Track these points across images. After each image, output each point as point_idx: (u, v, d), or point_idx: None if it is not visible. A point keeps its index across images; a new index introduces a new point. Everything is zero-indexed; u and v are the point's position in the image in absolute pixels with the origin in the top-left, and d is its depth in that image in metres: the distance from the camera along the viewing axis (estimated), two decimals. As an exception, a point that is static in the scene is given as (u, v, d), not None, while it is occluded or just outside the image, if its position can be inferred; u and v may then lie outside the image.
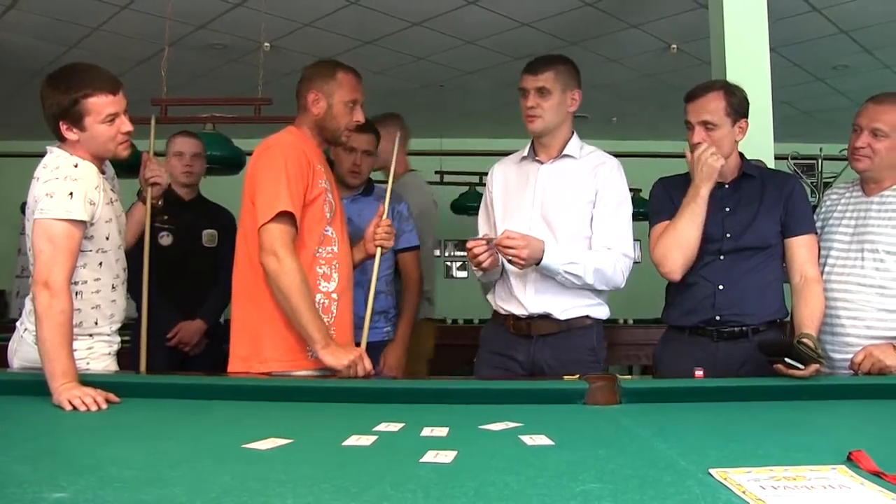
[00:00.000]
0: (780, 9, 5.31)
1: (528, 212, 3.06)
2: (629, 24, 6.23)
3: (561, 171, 3.09)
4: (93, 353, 2.73)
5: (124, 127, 2.63)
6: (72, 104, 2.53)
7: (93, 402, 2.14)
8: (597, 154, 3.15)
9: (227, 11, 5.87)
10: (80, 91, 2.52)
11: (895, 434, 1.97)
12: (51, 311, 2.33)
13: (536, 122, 3.02)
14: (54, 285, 2.36)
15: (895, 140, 2.89)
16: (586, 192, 3.04)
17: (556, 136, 3.09)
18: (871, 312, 2.85)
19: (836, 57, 6.96)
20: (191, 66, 6.98)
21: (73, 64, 2.65)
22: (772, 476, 1.37)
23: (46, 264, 2.40)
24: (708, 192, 2.87)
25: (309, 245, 2.85)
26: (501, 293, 3.12)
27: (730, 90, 2.94)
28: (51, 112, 2.56)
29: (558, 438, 1.76)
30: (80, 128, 2.57)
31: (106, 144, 2.62)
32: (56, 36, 6.28)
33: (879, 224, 2.89)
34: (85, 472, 1.44)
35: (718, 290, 2.92)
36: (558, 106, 3.03)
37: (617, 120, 9.25)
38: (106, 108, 2.56)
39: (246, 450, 1.65)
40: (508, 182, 3.19)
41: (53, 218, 2.44)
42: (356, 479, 1.42)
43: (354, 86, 2.98)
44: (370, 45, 6.67)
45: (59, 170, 2.54)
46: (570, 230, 3.00)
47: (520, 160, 3.19)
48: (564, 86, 3.03)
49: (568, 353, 2.97)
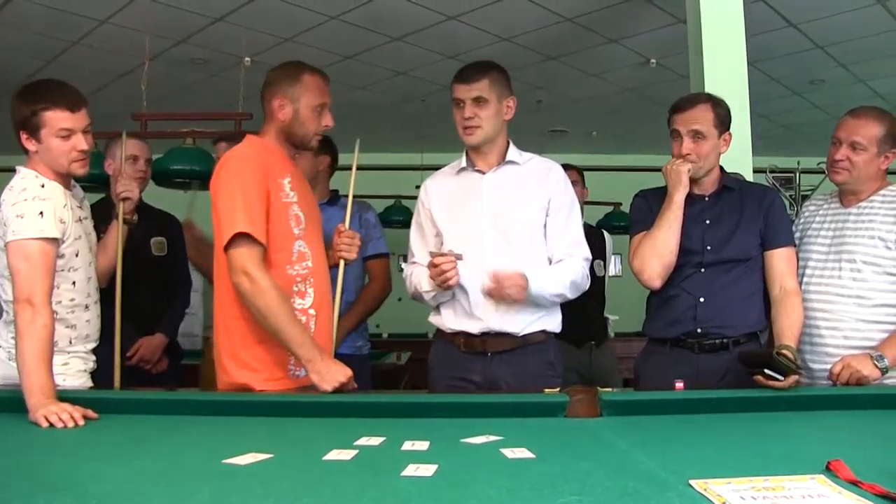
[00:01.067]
0: (758, 24, 5.36)
1: (477, 223, 2.96)
2: (609, 38, 6.28)
3: (507, 179, 3.02)
4: (68, 368, 2.72)
5: (79, 145, 2.64)
6: (31, 115, 2.58)
7: (70, 418, 2.12)
8: (539, 160, 3.10)
9: (207, 26, 5.87)
10: (39, 103, 2.58)
11: (872, 443, 1.98)
12: (33, 327, 2.32)
13: (476, 133, 2.94)
14: (36, 301, 2.37)
15: (873, 153, 2.92)
16: (539, 197, 2.98)
17: (495, 144, 3.01)
18: (849, 323, 2.87)
19: (813, 71, 7.05)
20: (171, 81, 6.97)
21: (45, 79, 2.70)
22: (752, 486, 1.38)
23: (26, 281, 2.40)
24: (682, 197, 2.90)
25: (278, 263, 2.72)
26: (449, 313, 3.00)
27: (716, 102, 2.97)
28: (14, 120, 2.62)
29: (539, 451, 1.75)
30: (36, 139, 2.61)
31: (59, 159, 2.64)
32: (36, 49, 6.26)
33: (857, 235, 2.92)
34: (62, 489, 1.43)
35: (699, 303, 2.93)
36: (496, 115, 2.95)
37: (597, 133, 9.30)
38: (61, 122, 2.60)
39: (225, 465, 1.64)
40: (448, 194, 3.08)
41: (27, 238, 2.46)
42: (336, 494, 1.42)
43: (322, 88, 2.88)
44: (351, 60, 6.69)
45: (27, 191, 2.55)
46: (525, 237, 2.95)
47: (457, 172, 3.10)
48: (500, 94, 2.95)
49: (526, 368, 2.90)
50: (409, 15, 5.76)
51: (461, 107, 2.95)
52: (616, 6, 5.63)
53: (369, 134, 3.96)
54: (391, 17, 5.82)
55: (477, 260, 2.88)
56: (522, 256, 2.91)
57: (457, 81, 2.99)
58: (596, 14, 5.77)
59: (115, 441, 2.00)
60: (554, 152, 6.22)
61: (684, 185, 2.91)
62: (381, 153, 8.82)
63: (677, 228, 2.90)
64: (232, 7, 5.53)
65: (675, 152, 2.96)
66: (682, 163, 2.91)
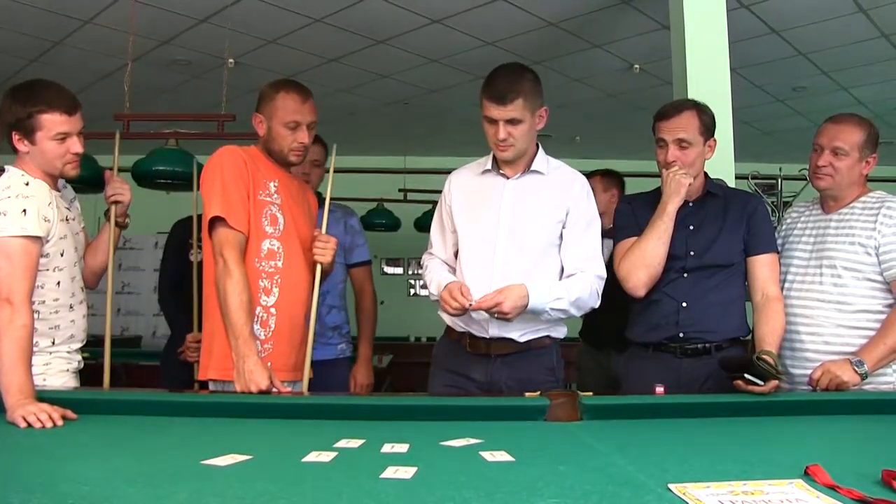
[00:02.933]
0: (741, 30, 5.40)
1: (493, 227, 2.91)
2: (592, 44, 6.29)
3: (529, 187, 2.95)
4: (50, 368, 2.69)
5: (74, 147, 2.65)
6: (26, 117, 2.57)
7: (48, 418, 2.09)
8: (564, 170, 3.03)
9: (191, 27, 5.85)
10: (35, 106, 2.57)
11: (850, 448, 1.99)
12: (12, 326, 2.30)
13: (510, 152, 2.87)
14: (15, 300, 2.35)
15: (855, 158, 2.94)
16: (557, 209, 2.91)
17: (525, 153, 2.95)
18: (829, 328, 2.89)
19: (795, 78, 7.09)
20: (154, 82, 6.94)
21: (38, 80, 2.68)
22: (730, 491, 1.38)
23: (6, 280, 2.39)
24: (675, 208, 2.90)
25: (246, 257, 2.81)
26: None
27: (701, 109, 2.97)
28: (6, 121, 2.61)
29: (519, 455, 1.75)
30: (30, 141, 2.61)
31: (53, 162, 2.65)
32: (18, 49, 6.22)
33: (837, 241, 2.94)
34: (38, 490, 1.42)
35: (682, 308, 2.94)
36: (529, 131, 2.86)
37: (580, 139, 9.32)
38: (58, 126, 2.60)
39: (204, 466, 1.63)
40: (469, 193, 3.03)
41: (9, 235, 2.44)
42: (315, 496, 1.42)
43: (295, 107, 2.91)
44: (334, 63, 6.68)
45: (11, 189, 2.54)
46: (538, 247, 2.89)
47: (481, 172, 3.03)
48: (533, 108, 2.84)
49: (527, 373, 2.86)
50: (393, 18, 5.76)
51: (494, 124, 2.85)
52: (600, 11, 5.65)
53: (352, 137, 3.97)
54: (375, 21, 5.81)
55: (487, 265, 2.88)
56: (533, 267, 2.87)
57: (489, 100, 2.83)
58: (580, 19, 5.79)
59: (92, 441, 1.98)
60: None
61: (681, 196, 2.91)
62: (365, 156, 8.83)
63: (667, 240, 2.90)
64: (216, 8, 5.52)
65: (661, 160, 2.97)
66: (684, 174, 2.90)
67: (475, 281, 2.85)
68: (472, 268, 2.90)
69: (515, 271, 2.83)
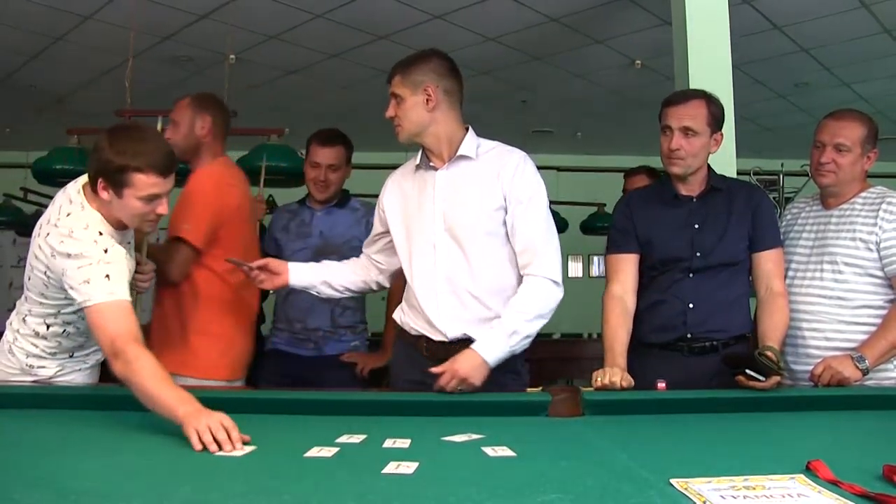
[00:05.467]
0: (743, 26, 5.38)
1: (430, 223, 2.73)
2: (594, 39, 6.28)
3: (459, 176, 2.75)
4: (62, 370, 2.70)
5: (160, 209, 2.50)
6: (119, 170, 2.39)
7: (227, 440, 1.82)
8: (498, 150, 2.80)
9: (192, 23, 5.85)
10: (133, 162, 2.38)
11: (852, 444, 1.99)
12: (136, 366, 2.11)
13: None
14: (123, 347, 2.17)
15: (857, 154, 2.94)
16: (492, 195, 2.69)
17: (439, 138, 2.78)
18: (830, 324, 2.89)
19: (797, 74, 7.07)
20: (156, 78, 6.93)
21: (140, 129, 2.56)
22: (732, 486, 1.38)
23: (107, 337, 2.22)
24: None
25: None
26: (413, 314, 2.79)
27: (711, 100, 2.92)
28: (96, 165, 2.42)
29: (520, 450, 1.76)
30: (117, 194, 2.42)
31: (133, 219, 2.50)
32: (18, 46, 6.22)
33: (838, 236, 2.93)
34: (40, 486, 1.42)
35: (689, 309, 2.89)
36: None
37: (581, 134, 9.31)
38: (150, 188, 2.42)
39: (205, 462, 1.64)
40: (404, 193, 2.87)
41: (98, 302, 2.28)
42: (318, 491, 1.42)
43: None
44: (336, 59, 6.67)
45: (90, 250, 2.36)
46: (478, 238, 2.69)
47: (414, 169, 2.87)
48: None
49: (492, 377, 2.53)
50: (394, 14, 5.75)
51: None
52: (601, 7, 5.63)
53: (354, 133, 3.94)
54: (377, 16, 5.80)
55: (429, 264, 2.73)
56: (478, 260, 2.69)
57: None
58: (581, 15, 5.78)
59: (94, 436, 1.98)
60: (538, 153, 6.21)
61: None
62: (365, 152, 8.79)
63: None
64: (217, 4, 5.51)
65: (664, 148, 2.91)
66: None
67: (421, 281, 2.74)
68: (416, 268, 2.76)
69: (460, 269, 2.69)
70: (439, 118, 2.75)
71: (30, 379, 2.64)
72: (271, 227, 3.97)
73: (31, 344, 2.63)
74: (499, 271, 2.71)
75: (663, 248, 2.93)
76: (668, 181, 3.00)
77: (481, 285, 2.69)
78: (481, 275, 2.69)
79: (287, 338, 3.75)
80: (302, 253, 3.66)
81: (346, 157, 3.80)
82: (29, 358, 2.63)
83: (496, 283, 2.70)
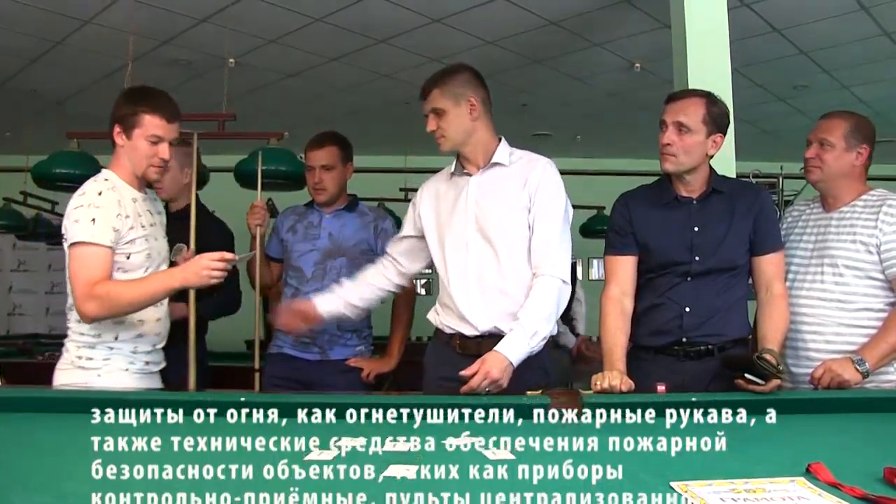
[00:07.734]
0: (742, 29, 5.38)
1: (463, 226, 2.92)
2: (593, 42, 6.27)
3: (492, 182, 2.95)
4: (108, 364, 2.77)
5: (162, 153, 2.84)
6: (131, 113, 2.81)
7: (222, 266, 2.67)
8: (528, 158, 2.99)
9: (191, 27, 5.84)
10: (141, 105, 2.81)
11: (852, 447, 1.99)
12: (109, 301, 2.64)
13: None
14: (93, 290, 2.63)
15: (841, 148, 2.97)
16: (520, 200, 2.88)
17: (477, 146, 2.97)
18: (830, 327, 2.89)
19: (797, 77, 7.07)
20: (155, 82, 6.83)
21: (152, 87, 2.96)
22: (732, 488, 1.38)
23: (82, 279, 2.64)
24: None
25: None
26: (447, 313, 2.98)
27: (712, 100, 2.91)
28: (113, 115, 2.85)
29: (519, 452, 1.75)
30: (128, 136, 2.83)
31: (140, 161, 2.85)
32: (18, 50, 6.21)
33: (839, 239, 2.94)
34: (40, 490, 1.42)
35: (685, 312, 2.88)
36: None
37: (581, 138, 9.30)
38: (155, 128, 2.81)
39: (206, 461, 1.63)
40: (440, 199, 3.06)
41: (78, 241, 2.66)
42: (317, 494, 1.41)
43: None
44: (335, 62, 6.67)
45: (85, 196, 2.74)
46: (509, 241, 2.87)
47: (449, 176, 3.07)
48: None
49: (520, 373, 2.68)
50: (393, 17, 5.75)
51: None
52: (601, 10, 5.63)
53: (353, 136, 3.94)
54: (376, 20, 5.80)
55: (462, 266, 2.92)
56: (509, 261, 2.86)
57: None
58: (580, 18, 5.77)
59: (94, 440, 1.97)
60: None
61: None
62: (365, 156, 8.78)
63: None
64: (216, 8, 5.51)
65: (660, 142, 2.91)
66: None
67: (455, 278, 2.93)
68: (450, 266, 2.94)
69: (490, 267, 2.88)
70: (479, 127, 2.96)
71: (79, 375, 2.74)
72: (277, 228, 3.97)
73: (78, 333, 2.79)
74: (525, 269, 2.87)
75: (661, 252, 2.93)
76: (669, 182, 3.00)
77: (509, 281, 2.87)
78: (509, 272, 2.87)
79: (292, 341, 3.74)
80: (311, 255, 3.74)
81: (339, 156, 3.81)
82: (79, 349, 2.78)
83: (523, 280, 2.86)
